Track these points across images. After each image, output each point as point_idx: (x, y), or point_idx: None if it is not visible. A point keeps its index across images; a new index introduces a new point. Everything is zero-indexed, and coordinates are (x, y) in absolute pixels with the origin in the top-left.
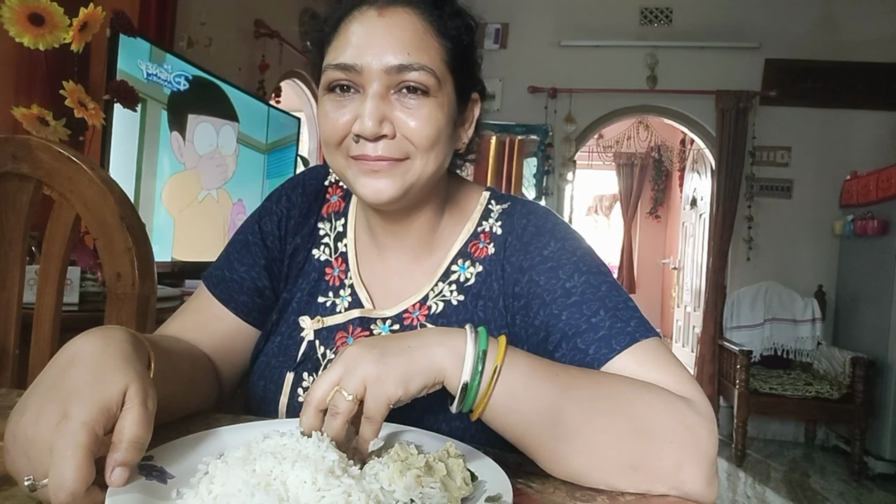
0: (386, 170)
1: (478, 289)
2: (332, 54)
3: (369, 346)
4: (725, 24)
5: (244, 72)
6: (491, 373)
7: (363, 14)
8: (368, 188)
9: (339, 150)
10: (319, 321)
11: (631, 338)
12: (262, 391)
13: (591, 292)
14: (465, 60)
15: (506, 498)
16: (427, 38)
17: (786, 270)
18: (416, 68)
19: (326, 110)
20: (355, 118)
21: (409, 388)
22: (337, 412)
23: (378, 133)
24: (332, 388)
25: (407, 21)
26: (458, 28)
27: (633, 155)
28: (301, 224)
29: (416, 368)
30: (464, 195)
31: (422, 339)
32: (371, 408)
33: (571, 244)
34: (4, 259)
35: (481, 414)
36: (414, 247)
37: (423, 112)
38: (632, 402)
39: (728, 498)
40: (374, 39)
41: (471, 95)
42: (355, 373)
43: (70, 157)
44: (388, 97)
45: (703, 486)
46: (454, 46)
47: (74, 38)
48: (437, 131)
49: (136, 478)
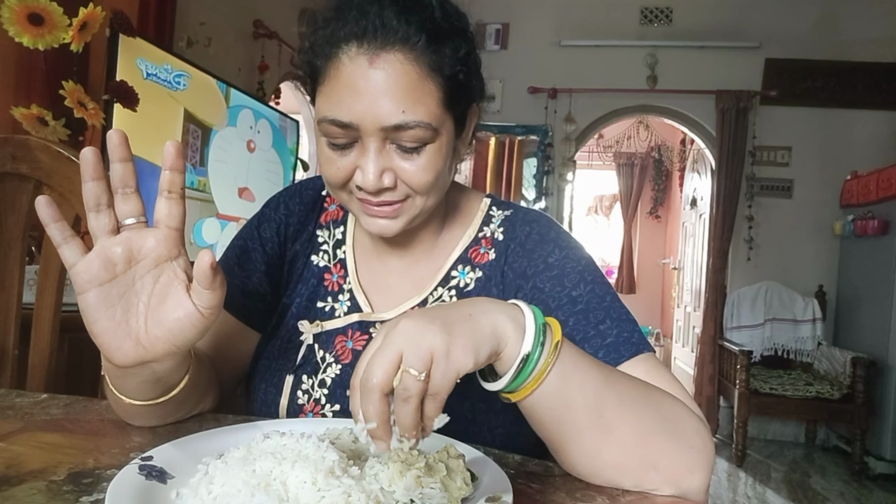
0: (389, 214)
1: (477, 294)
2: (325, 103)
3: (428, 317)
4: (725, 24)
5: (243, 72)
6: (552, 346)
7: (353, 61)
8: (373, 226)
9: (343, 189)
10: (318, 325)
11: (636, 349)
12: (263, 393)
13: (596, 301)
14: (462, 90)
15: (506, 498)
16: (423, 85)
17: (786, 270)
18: (412, 126)
19: (327, 156)
20: (355, 167)
21: (479, 358)
22: (409, 395)
23: (379, 187)
24: (393, 366)
25: (400, 71)
26: (454, 63)
27: (633, 155)
28: (299, 231)
29: (483, 335)
30: (465, 202)
31: (480, 306)
32: (438, 383)
33: (575, 253)
34: (4, 259)
35: (531, 393)
36: (415, 252)
37: (422, 161)
38: (662, 403)
39: (728, 498)
40: (367, 95)
41: (468, 111)
42: (421, 347)
43: (69, 157)
44: (385, 147)
45: (703, 491)
46: (450, 82)
47: (74, 38)
48: (437, 175)
49: (136, 478)
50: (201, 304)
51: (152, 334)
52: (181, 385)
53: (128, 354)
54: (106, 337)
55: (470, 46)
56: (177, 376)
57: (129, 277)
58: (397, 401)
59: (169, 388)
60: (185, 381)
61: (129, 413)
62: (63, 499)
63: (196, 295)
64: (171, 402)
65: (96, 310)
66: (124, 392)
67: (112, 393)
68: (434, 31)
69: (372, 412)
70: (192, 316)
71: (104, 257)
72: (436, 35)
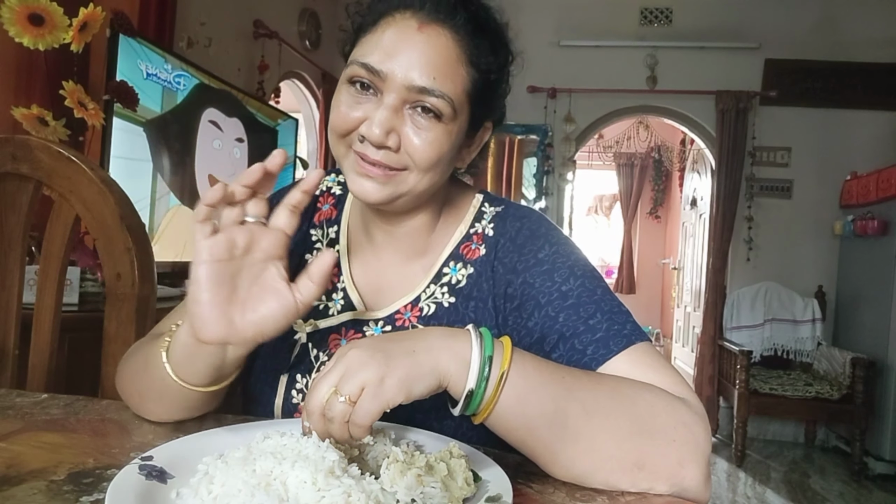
0: (380, 177)
1: (469, 290)
2: (362, 49)
3: (372, 348)
4: (725, 24)
5: (243, 72)
6: (497, 379)
7: (404, 21)
8: (357, 185)
9: (344, 140)
10: (312, 324)
11: (627, 340)
12: (258, 393)
13: (586, 296)
14: (487, 93)
15: (506, 498)
16: (456, 66)
17: (786, 271)
18: (437, 95)
19: (341, 100)
20: (365, 119)
21: (412, 393)
22: (332, 416)
23: (383, 143)
24: (331, 391)
25: (443, 43)
26: (489, 63)
27: (633, 155)
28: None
29: (419, 372)
30: (459, 197)
31: (426, 342)
32: (362, 412)
33: (565, 249)
34: (4, 259)
35: (485, 419)
36: (407, 248)
37: (430, 135)
38: (634, 401)
39: (728, 498)
40: (406, 52)
41: (484, 123)
42: (356, 376)
43: (70, 157)
44: (402, 110)
45: (702, 483)
46: (481, 78)
47: (74, 38)
48: (439, 156)
49: (136, 478)
50: (302, 298)
51: (247, 318)
52: (231, 377)
53: (218, 331)
54: (205, 308)
55: (506, 58)
56: (234, 367)
57: (242, 263)
58: (326, 419)
59: (223, 378)
60: (236, 375)
61: (170, 397)
62: (63, 499)
63: (302, 288)
64: (214, 394)
65: (206, 281)
66: (182, 374)
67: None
68: (481, 25)
69: (318, 431)
70: (288, 307)
71: (230, 239)
72: (481, 29)
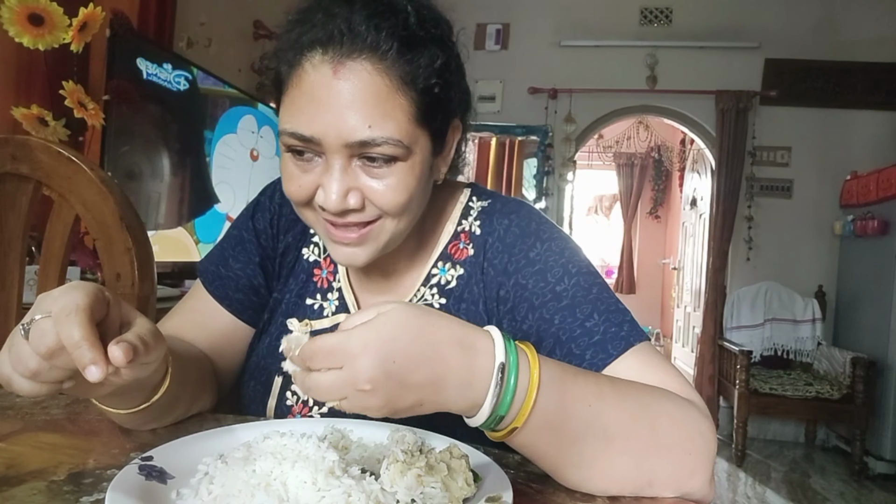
0: (356, 239)
1: (460, 291)
2: (287, 112)
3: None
4: (725, 24)
5: (243, 72)
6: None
7: (317, 69)
8: (339, 254)
9: (308, 206)
10: (307, 324)
11: (626, 342)
12: (252, 391)
13: (581, 295)
14: (439, 104)
15: (506, 498)
16: (392, 98)
17: (786, 270)
18: (380, 142)
19: (289, 171)
20: (318, 184)
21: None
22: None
23: (343, 208)
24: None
25: (367, 81)
26: (430, 74)
27: (633, 155)
28: (293, 222)
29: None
30: (446, 196)
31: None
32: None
33: (558, 245)
34: (4, 259)
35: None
36: (401, 249)
37: (391, 180)
38: (658, 415)
39: (728, 498)
40: (329, 108)
41: (450, 124)
42: (355, 396)
43: (70, 158)
44: (351, 166)
45: (707, 487)
46: (425, 96)
47: (74, 38)
48: (409, 196)
49: (136, 478)
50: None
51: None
52: (162, 389)
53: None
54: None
55: (449, 55)
56: (152, 382)
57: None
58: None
59: (150, 394)
60: (167, 385)
61: (121, 420)
62: (63, 499)
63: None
64: (157, 406)
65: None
66: (106, 404)
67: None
68: (407, 39)
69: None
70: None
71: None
72: (409, 43)
